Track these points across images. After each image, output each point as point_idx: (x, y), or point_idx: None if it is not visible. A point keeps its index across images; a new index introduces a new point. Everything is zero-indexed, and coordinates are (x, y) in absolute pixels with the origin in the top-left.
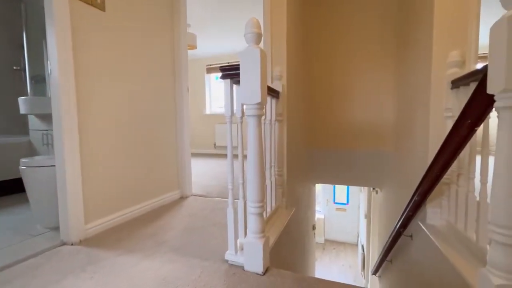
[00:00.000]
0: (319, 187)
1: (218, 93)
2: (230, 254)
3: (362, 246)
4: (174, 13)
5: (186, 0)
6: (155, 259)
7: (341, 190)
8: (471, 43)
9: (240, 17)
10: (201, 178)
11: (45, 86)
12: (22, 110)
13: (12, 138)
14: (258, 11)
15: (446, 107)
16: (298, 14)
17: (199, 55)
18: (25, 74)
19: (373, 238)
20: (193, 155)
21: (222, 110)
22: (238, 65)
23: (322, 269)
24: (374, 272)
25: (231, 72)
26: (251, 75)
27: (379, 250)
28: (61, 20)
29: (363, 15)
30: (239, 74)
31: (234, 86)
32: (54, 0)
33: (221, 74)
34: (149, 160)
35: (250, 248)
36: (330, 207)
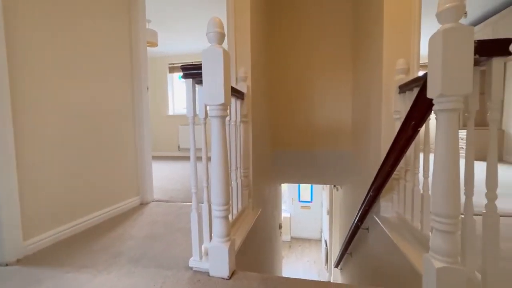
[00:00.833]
0: (285, 187)
1: (182, 93)
2: (194, 261)
3: (325, 241)
4: (131, 5)
5: None
6: (111, 273)
7: (305, 188)
8: (414, 53)
9: (205, 16)
10: (164, 182)
11: None
12: None
13: None
14: (223, 10)
15: (395, 110)
16: (262, 17)
17: (161, 53)
18: None
19: (335, 233)
20: (156, 158)
21: (186, 111)
22: (201, 64)
23: (289, 266)
24: (336, 265)
25: (193, 71)
26: (214, 75)
27: (340, 244)
28: None
29: (323, 23)
30: (202, 74)
31: (197, 86)
32: None
33: (182, 74)
34: (103, 165)
35: (215, 252)
36: (295, 206)
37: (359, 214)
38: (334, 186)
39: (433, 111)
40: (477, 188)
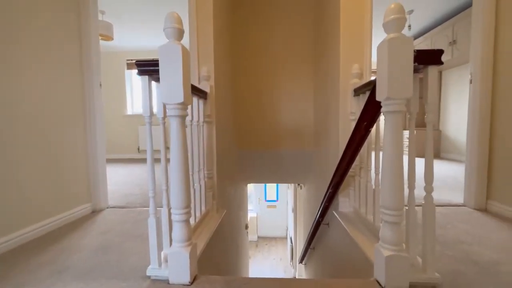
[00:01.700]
0: (251, 187)
1: (141, 91)
2: (152, 269)
3: (291, 239)
4: None
5: None
6: None
7: (271, 188)
8: (367, 59)
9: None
10: (121, 186)
11: None
12: None
13: None
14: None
15: (351, 111)
16: (226, 17)
17: (118, 48)
18: None
19: (299, 230)
20: (113, 161)
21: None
22: (158, 60)
23: (256, 266)
24: (301, 260)
25: (150, 68)
26: (173, 73)
27: (304, 240)
28: None
29: (287, 27)
30: (159, 70)
31: (155, 84)
32: None
33: (137, 70)
34: (44, 170)
35: (175, 258)
36: (262, 205)
37: (320, 210)
38: (298, 184)
39: (382, 113)
40: (418, 182)
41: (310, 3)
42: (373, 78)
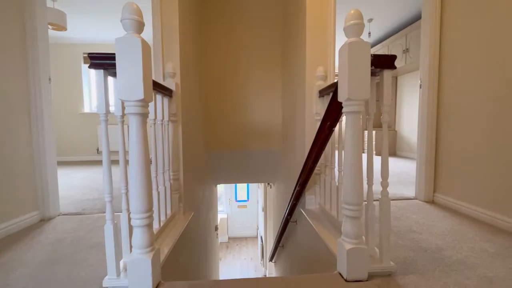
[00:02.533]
0: (222, 188)
1: None
2: (110, 280)
3: (261, 238)
4: None
5: None
6: None
7: (242, 188)
8: (331, 62)
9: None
10: (77, 191)
11: None
12: None
13: None
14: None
15: (316, 112)
16: (194, 13)
17: (74, 40)
18: None
19: (269, 228)
20: (68, 164)
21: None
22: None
23: (226, 267)
24: (271, 258)
25: (105, 61)
26: (131, 67)
27: (274, 238)
28: None
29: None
30: (116, 64)
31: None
32: None
33: (90, 63)
34: None
35: (135, 266)
36: (232, 206)
37: (288, 208)
38: (268, 183)
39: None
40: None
41: (279, 3)
42: (336, 80)
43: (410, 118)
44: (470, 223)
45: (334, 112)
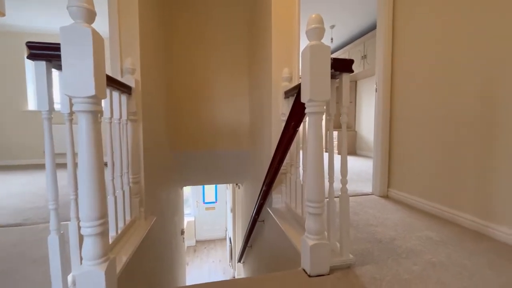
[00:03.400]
0: (189, 190)
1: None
2: None
3: (230, 239)
4: None
5: None
6: None
7: (209, 189)
8: (295, 63)
9: None
10: (18, 199)
11: None
12: None
13: None
14: None
15: (282, 112)
16: (156, 6)
17: (16, 28)
18: None
19: (238, 229)
20: (9, 169)
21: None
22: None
23: (193, 271)
24: (239, 259)
25: (48, 52)
26: (80, 60)
27: (243, 239)
28: None
29: (223, 27)
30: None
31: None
32: None
33: (29, 53)
34: None
35: (86, 279)
36: (200, 208)
37: (256, 208)
38: (236, 184)
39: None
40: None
41: (247, 2)
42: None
43: (368, 120)
44: (419, 215)
45: (297, 112)
